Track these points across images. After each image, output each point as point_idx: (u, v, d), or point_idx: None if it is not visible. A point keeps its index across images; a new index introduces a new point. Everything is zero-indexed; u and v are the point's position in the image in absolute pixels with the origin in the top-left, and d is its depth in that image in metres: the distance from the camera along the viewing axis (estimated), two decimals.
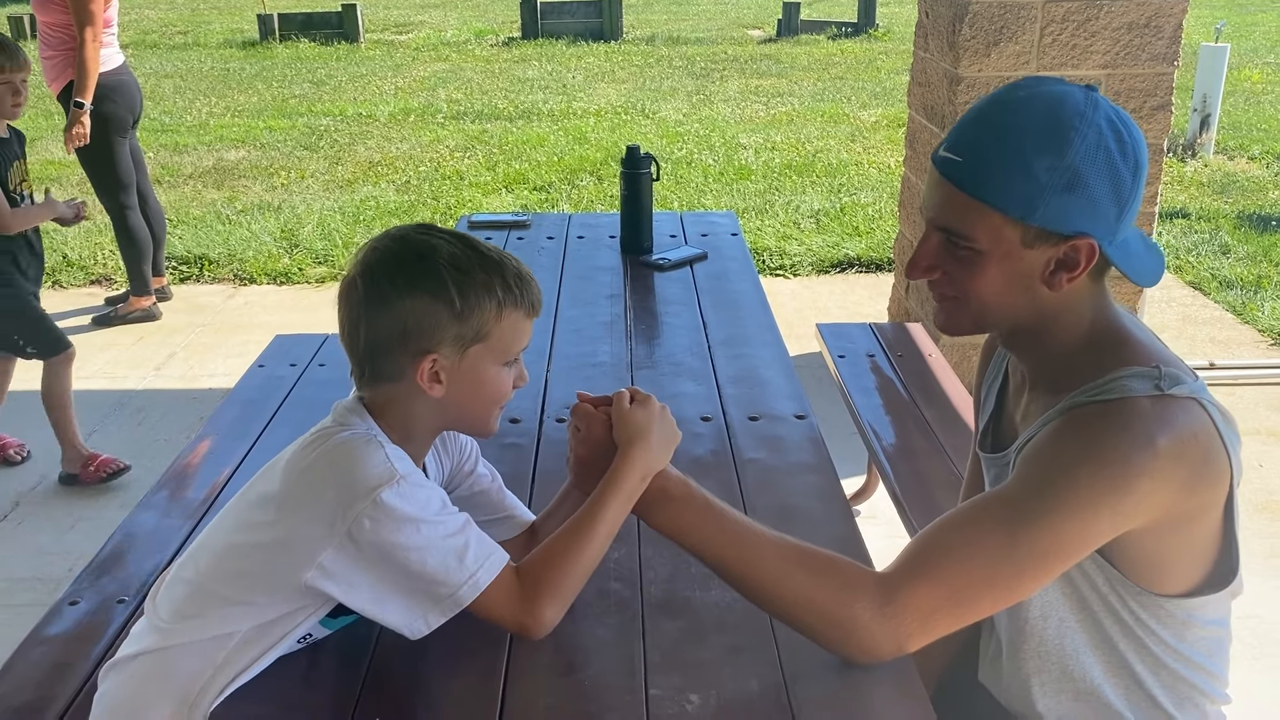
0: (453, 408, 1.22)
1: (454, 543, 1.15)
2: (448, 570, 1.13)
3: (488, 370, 1.21)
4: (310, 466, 1.17)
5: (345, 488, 1.12)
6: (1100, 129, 1.12)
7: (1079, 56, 3.28)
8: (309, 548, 1.13)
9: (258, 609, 1.18)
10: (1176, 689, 1.26)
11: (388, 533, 1.11)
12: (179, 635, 1.20)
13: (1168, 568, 1.19)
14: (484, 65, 11.71)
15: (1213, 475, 1.13)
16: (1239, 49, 10.96)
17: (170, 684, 1.19)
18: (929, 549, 1.15)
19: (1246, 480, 3.26)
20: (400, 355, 1.18)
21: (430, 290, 1.16)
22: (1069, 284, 1.16)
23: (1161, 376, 1.13)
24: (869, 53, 12.25)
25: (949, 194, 1.16)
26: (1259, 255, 5.26)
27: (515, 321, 1.21)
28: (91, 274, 5.19)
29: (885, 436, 2.52)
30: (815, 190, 6.53)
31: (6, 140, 3.18)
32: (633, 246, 2.81)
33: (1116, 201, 1.13)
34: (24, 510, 3.18)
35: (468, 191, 6.51)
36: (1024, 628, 1.29)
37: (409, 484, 1.14)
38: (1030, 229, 1.13)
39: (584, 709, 1.15)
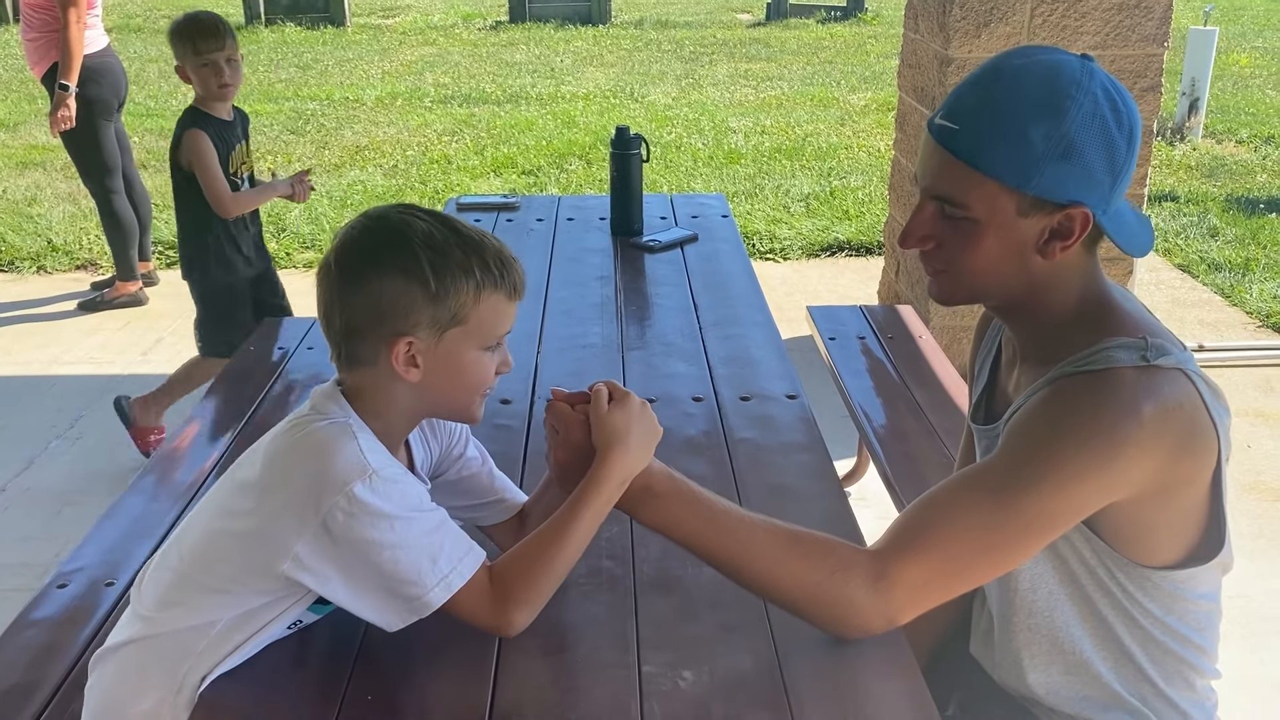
0: (431, 393, 1.18)
1: (427, 542, 1.12)
2: (420, 572, 1.11)
3: (467, 355, 1.17)
4: (284, 455, 1.15)
5: (318, 479, 1.10)
6: (1096, 98, 1.12)
7: (1069, 37, 3.27)
8: (284, 539, 1.11)
9: (238, 597, 1.17)
10: (1165, 663, 1.26)
11: (360, 528, 1.09)
12: (163, 624, 1.19)
13: (1154, 539, 1.19)
14: (471, 49, 11.65)
15: (1198, 446, 1.13)
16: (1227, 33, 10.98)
17: (156, 672, 1.19)
18: (918, 523, 1.15)
19: (1235, 461, 3.27)
20: (375, 338, 1.14)
21: (404, 269, 1.12)
22: (1063, 253, 1.16)
23: (1148, 347, 1.13)
24: (858, 37, 12.22)
25: (944, 161, 1.16)
26: (1247, 238, 5.27)
27: (495, 304, 1.17)
28: (77, 259, 5.15)
29: (876, 418, 2.52)
30: (805, 174, 6.52)
31: (229, 123, 3.14)
32: (623, 228, 2.80)
33: (1111, 170, 1.13)
34: (10, 496, 3.16)
35: (456, 176, 6.48)
36: (1014, 600, 1.30)
37: (381, 479, 1.11)
38: (1026, 198, 1.13)
39: (577, 685, 1.15)
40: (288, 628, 1.24)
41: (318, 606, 1.25)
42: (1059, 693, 1.30)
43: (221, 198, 3.04)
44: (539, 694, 1.14)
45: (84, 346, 4.19)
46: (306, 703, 1.16)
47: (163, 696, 1.17)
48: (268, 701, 1.18)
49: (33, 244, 5.27)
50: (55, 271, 5.05)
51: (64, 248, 5.24)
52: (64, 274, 5.03)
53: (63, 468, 3.31)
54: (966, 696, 1.39)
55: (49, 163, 6.91)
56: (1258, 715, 2.29)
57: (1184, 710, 1.28)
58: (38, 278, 4.99)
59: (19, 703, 1.51)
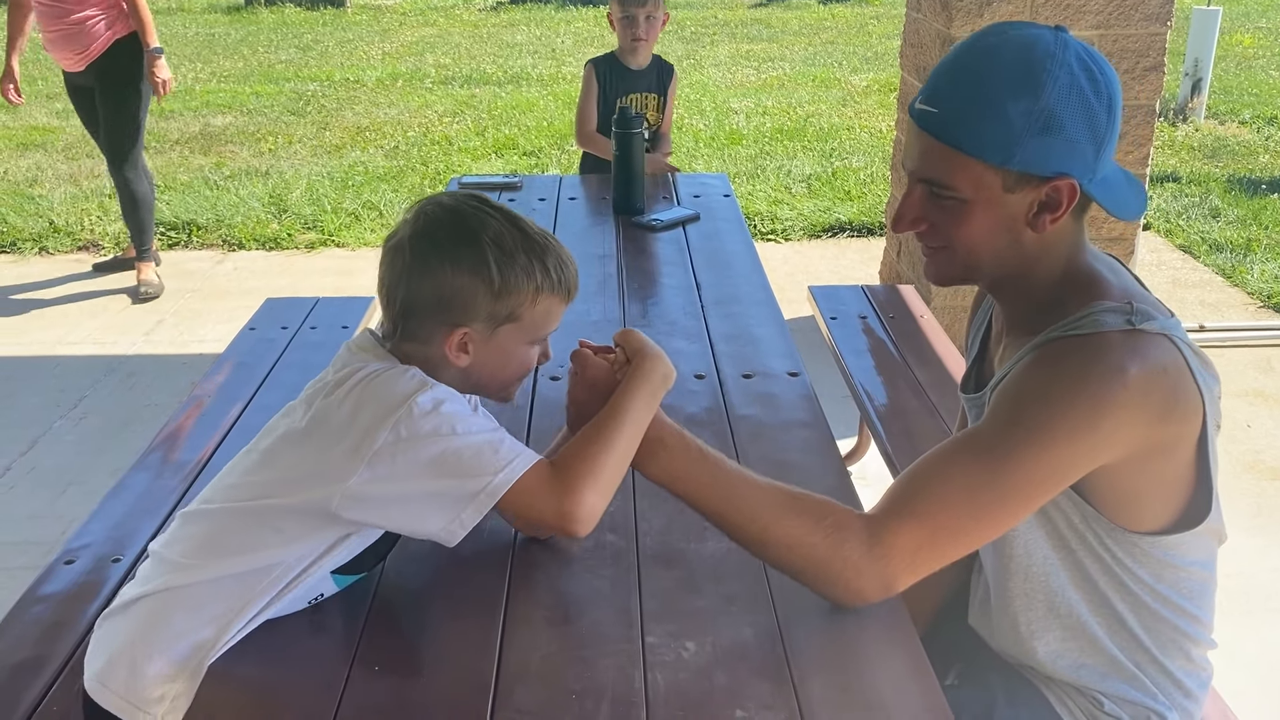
0: (475, 376, 1.24)
1: (487, 436, 1.16)
2: (481, 460, 1.13)
3: (516, 348, 1.23)
4: (345, 401, 1.16)
5: (382, 404, 1.14)
6: (1072, 69, 1.12)
7: (1072, 16, 3.26)
8: (341, 472, 1.13)
9: (284, 544, 1.17)
10: (1159, 630, 1.27)
11: (421, 429, 1.12)
12: (199, 572, 1.19)
13: (1140, 504, 1.21)
14: (472, 30, 11.61)
15: (1184, 409, 1.14)
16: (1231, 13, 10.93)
17: (177, 626, 1.18)
18: (912, 487, 1.17)
19: (1234, 440, 3.29)
20: (434, 323, 1.20)
21: (472, 267, 1.18)
22: (1053, 225, 1.18)
23: (1133, 312, 1.15)
24: (860, 17, 12.17)
25: (928, 145, 1.17)
26: (1249, 219, 5.27)
27: (550, 306, 1.23)
28: (79, 240, 5.15)
29: (877, 397, 2.53)
30: (806, 155, 6.51)
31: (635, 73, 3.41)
32: (625, 207, 2.80)
33: (1093, 140, 1.14)
34: (16, 475, 3.18)
35: (457, 157, 6.47)
36: (1009, 565, 1.31)
37: (441, 387, 1.17)
38: (1010, 174, 1.14)
39: (581, 656, 1.16)
40: (308, 602, 1.25)
41: (340, 577, 1.26)
42: (1057, 659, 1.32)
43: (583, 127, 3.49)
44: (543, 665, 1.15)
45: (87, 327, 4.20)
46: (312, 675, 1.17)
47: (177, 657, 1.16)
48: (275, 673, 1.19)
49: (34, 225, 5.27)
50: (57, 252, 5.05)
51: (65, 229, 5.24)
52: (66, 255, 5.03)
53: (67, 447, 3.32)
54: (966, 666, 1.41)
55: (49, 144, 6.90)
56: (1257, 692, 2.30)
57: (1178, 680, 1.30)
58: (40, 259, 5.00)
59: (27, 678, 1.53)
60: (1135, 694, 1.29)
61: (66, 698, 1.48)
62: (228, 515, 1.22)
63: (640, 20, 3.33)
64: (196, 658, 1.17)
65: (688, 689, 1.11)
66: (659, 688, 1.11)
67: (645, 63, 3.43)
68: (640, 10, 3.33)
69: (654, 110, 3.43)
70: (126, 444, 3.24)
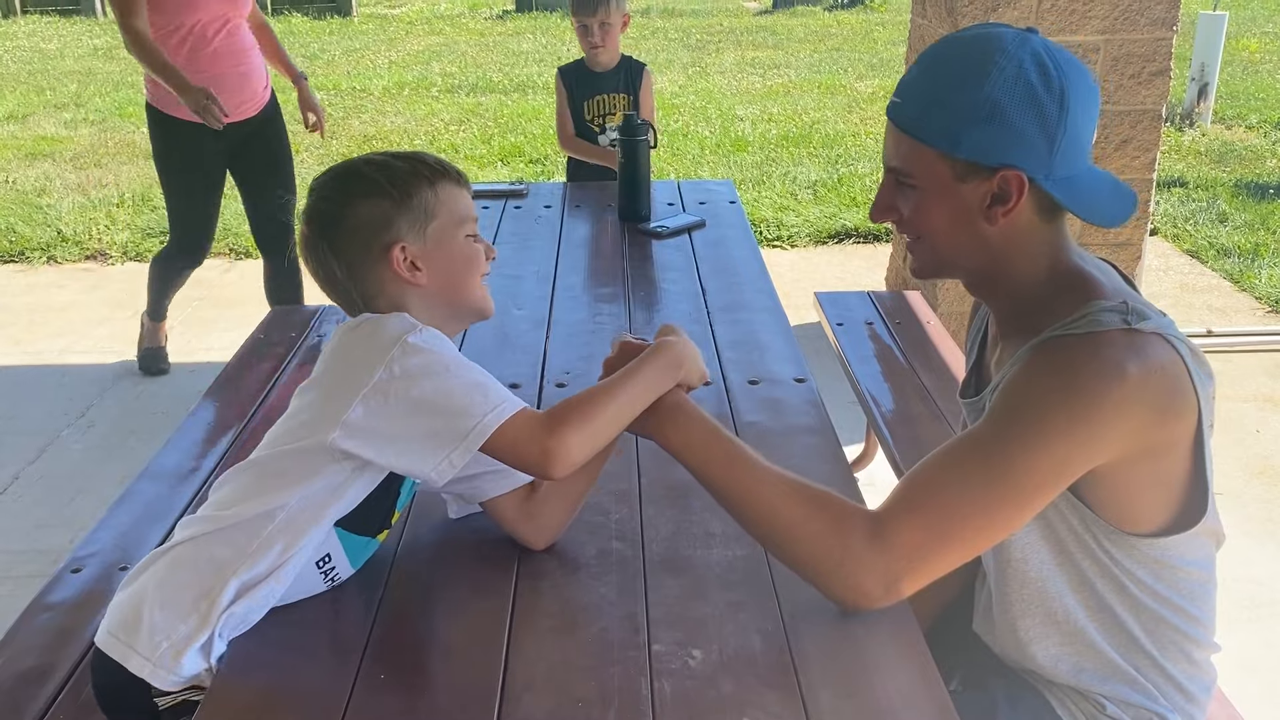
0: (441, 291, 1.28)
1: (477, 379, 1.19)
2: (471, 401, 1.16)
3: (454, 242, 1.28)
4: (342, 343, 1.24)
5: (373, 343, 1.19)
6: (1021, 62, 1.14)
7: (1077, 21, 3.26)
8: (337, 409, 1.17)
9: (286, 486, 1.20)
10: (1159, 632, 1.27)
11: (411, 371, 1.16)
12: (210, 524, 1.23)
13: (1137, 504, 1.20)
14: (478, 38, 11.64)
15: (1180, 408, 1.14)
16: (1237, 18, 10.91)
17: (184, 575, 1.21)
18: (915, 486, 1.17)
19: (1243, 445, 3.27)
20: (373, 261, 1.24)
21: (366, 191, 1.25)
22: (1006, 218, 1.19)
23: (1129, 311, 1.15)
24: (865, 24, 12.18)
25: (892, 135, 1.23)
26: (1256, 223, 5.25)
27: (452, 193, 1.29)
28: (86, 249, 5.17)
29: (884, 403, 2.52)
30: (812, 161, 6.51)
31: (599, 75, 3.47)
32: (631, 214, 2.80)
33: (1044, 133, 1.15)
34: (23, 484, 3.18)
35: (463, 165, 6.47)
36: (1007, 570, 1.31)
37: (432, 331, 1.21)
38: (959, 162, 1.17)
39: (587, 664, 1.16)
40: (320, 570, 1.26)
41: (353, 549, 1.28)
42: (1058, 664, 1.31)
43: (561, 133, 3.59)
44: (550, 673, 1.15)
45: (94, 336, 4.21)
46: (318, 683, 1.16)
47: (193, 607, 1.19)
48: (280, 681, 1.19)
49: (42, 234, 5.29)
50: (65, 262, 5.07)
51: (74, 238, 5.26)
52: (73, 264, 5.05)
53: (75, 455, 3.33)
54: (969, 672, 1.40)
55: (58, 154, 6.93)
56: (1265, 698, 2.29)
57: (1179, 682, 1.29)
58: (48, 268, 5.01)
59: (34, 686, 1.53)
60: (1136, 696, 1.29)
61: (73, 705, 1.48)
62: (243, 471, 1.26)
63: (594, 29, 3.36)
64: (203, 604, 1.19)
65: (695, 697, 1.10)
66: (666, 696, 1.10)
67: (611, 64, 3.46)
68: (592, 19, 3.36)
69: (624, 108, 3.44)
70: (134, 452, 3.24)
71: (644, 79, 3.49)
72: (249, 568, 1.20)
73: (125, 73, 9.80)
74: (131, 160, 6.79)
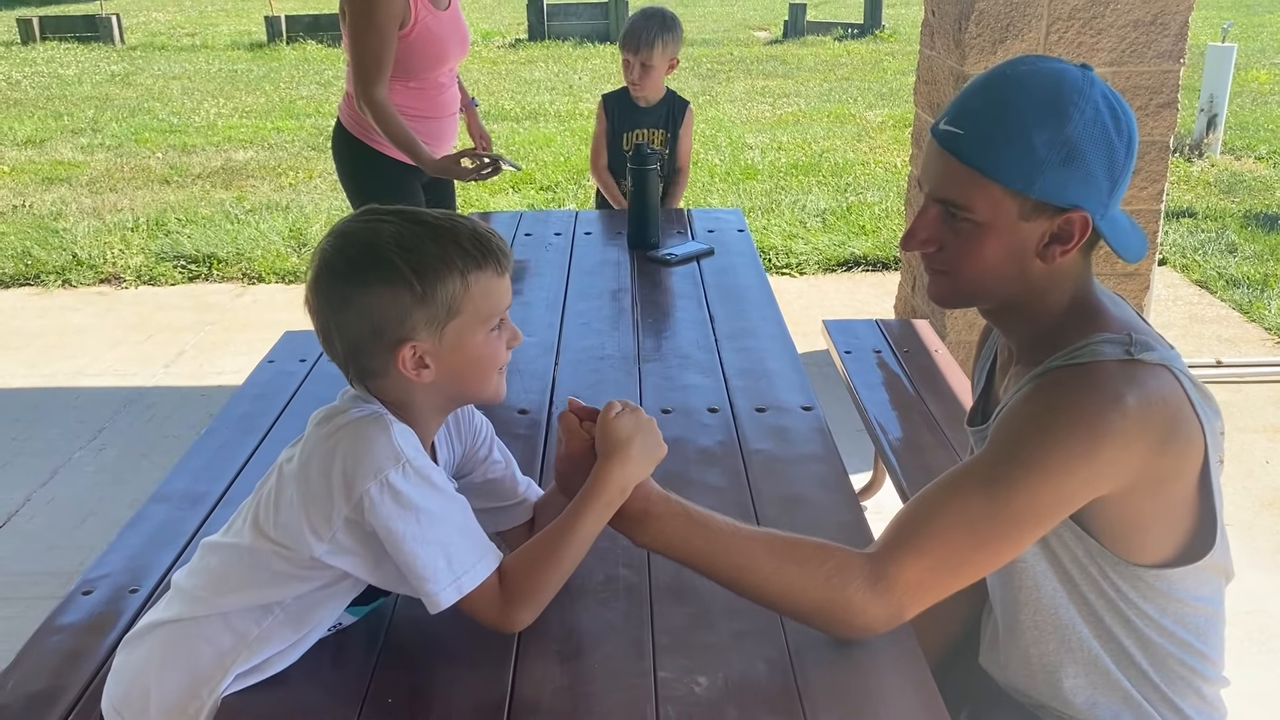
0: (449, 387, 1.19)
1: (446, 541, 1.14)
2: (435, 570, 1.13)
3: (473, 340, 1.16)
4: (321, 446, 1.16)
5: (352, 467, 1.12)
6: (1097, 105, 1.15)
7: (1085, 54, 3.28)
8: (318, 525, 1.15)
9: (279, 584, 1.19)
10: (1167, 666, 1.26)
11: (386, 518, 1.11)
12: (209, 605, 1.20)
13: (1141, 535, 1.20)
14: (490, 66, 11.74)
15: (1183, 440, 1.15)
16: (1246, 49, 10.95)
17: (191, 657, 1.19)
18: (912, 522, 1.17)
19: (1253, 476, 3.26)
20: (378, 351, 1.14)
21: (385, 279, 1.11)
22: (1062, 257, 1.19)
23: (1132, 343, 1.16)
24: (875, 54, 12.25)
25: (949, 165, 1.18)
26: (1266, 254, 5.25)
27: (486, 285, 1.15)
28: (101, 273, 5.22)
29: (892, 432, 2.53)
30: (821, 190, 6.54)
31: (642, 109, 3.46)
32: (640, 242, 2.82)
33: (1110, 175, 1.16)
34: (35, 506, 3.20)
35: (474, 191, 6.53)
36: (1018, 597, 1.31)
37: (414, 468, 1.13)
38: (1029, 201, 1.16)
39: (593, 690, 1.16)
40: (329, 629, 1.26)
41: (355, 608, 1.28)
42: (1074, 695, 1.30)
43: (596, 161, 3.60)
44: (556, 699, 1.15)
45: (107, 359, 4.24)
46: (326, 707, 1.17)
47: (190, 686, 1.18)
48: (288, 708, 1.19)
49: (58, 258, 5.34)
50: (80, 285, 5.12)
51: (88, 261, 5.31)
52: (88, 287, 5.10)
53: (86, 478, 3.35)
54: (977, 707, 1.40)
55: (74, 178, 7.01)
56: None
57: (1189, 717, 1.29)
58: (62, 291, 5.06)
59: (44, 709, 1.53)
60: None
61: None
62: (232, 551, 1.23)
63: (635, 66, 3.35)
64: (206, 689, 1.18)
65: None
66: None
67: (654, 100, 3.46)
68: (634, 57, 3.34)
69: (659, 145, 3.46)
70: (145, 475, 3.26)
71: (685, 118, 3.49)
72: (249, 655, 1.20)
73: (141, 99, 9.92)
74: (146, 185, 6.86)
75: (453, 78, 3.25)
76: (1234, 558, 1.27)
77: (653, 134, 3.47)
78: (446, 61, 3.14)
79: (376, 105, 2.94)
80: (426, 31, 2.99)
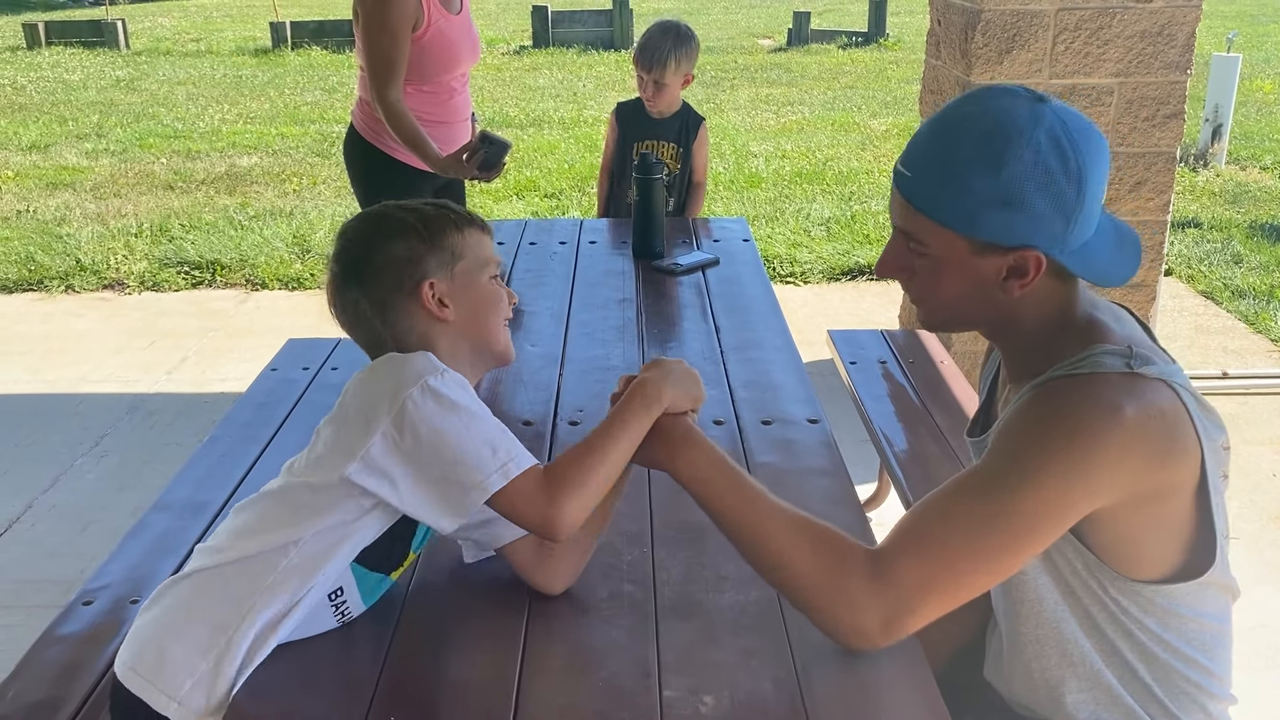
0: (466, 330, 1.31)
1: (488, 434, 1.19)
2: (480, 458, 1.17)
3: (479, 282, 1.32)
4: (359, 380, 1.25)
5: (395, 381, 1.20)
6: (1038, 146, 1.13)
7: (1091, 65, 3.28)
8: (355, 443, 1.18)
9: (302, 520, 1.21)
10: (1171, 682, 1.25)
11: (428, 414, 1.17)
12: (227, 554, 1.23)
13: (1137, 550, 1.20)
14: (495, 73, 11.75)
15: (1180, 453, 1.14)
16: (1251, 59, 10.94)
17: (202, 609, 1.22)
18: (914, 525, 1.17)
19: (1260, 489, 3.25)
20: (404, 298, 1.27)
21: (398, 231, 1.29)
22: (1023, 290, 1.19)
23: (1133, 355, 1.15)
24: (879, 62, 12.25)
25: (902, 204, 1.22)
26: (1272, 265, 5.24)
27: (477, 238, 1.34)
28: (104, 279, 5.22)
29: (897, 443, 2.52)
30: (826, 198, 6.53)
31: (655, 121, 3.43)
32: (645, 251, 2.81)
33: (1061, 214, 1.15)
34: (37, 513, 3.19)
35: (479, 198, 6.53)
36: (1020, 610, 1.30)
37: (453, 376, 1.22)
38: (975, 241, 1.17)
39: (598, 709, 1.15)
40: (331, 601, 1.26)
41: (366, 590, 1.29)
42: (1077, 710, 1.29)
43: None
44: (560, 716, 1.14)
45: (110, 365, 4.24)
46: None
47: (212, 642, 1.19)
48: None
49: (61, 263, 5.34)
50: (83, 291, 5.11)
51: (92, 267, 5.31)
52: (91, 293, 5.09)
53: (88, 485, 3.34)
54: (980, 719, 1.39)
55: (79, 183, 7.01)
56: None
57: None
58: (65, 296, 5.06)
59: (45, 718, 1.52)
60: None
61: None
62: (259, 499, 1.28)
63: (649, 83, 3.33)
64: (222, 640, 1.19)
65: None
66: None
67: (668, 113, 3.44)
68: (647, 74, 3.32)
69: (671, 159, 3.44)
70: (147, 483, 3.25)
71: (699, 133, 3.46)
72: (266, 602, 1.21)
73: (146, 104, 9.93)
74: (150, 191, 6.87)
75: (464, 83, 3.25)
76: (1241, 572, 1.26)
77: (664, 146, 3.46)
78: (459, 65, 3.14)
79: (390, 106, 2.94)
80: (439, 34, 3.00)
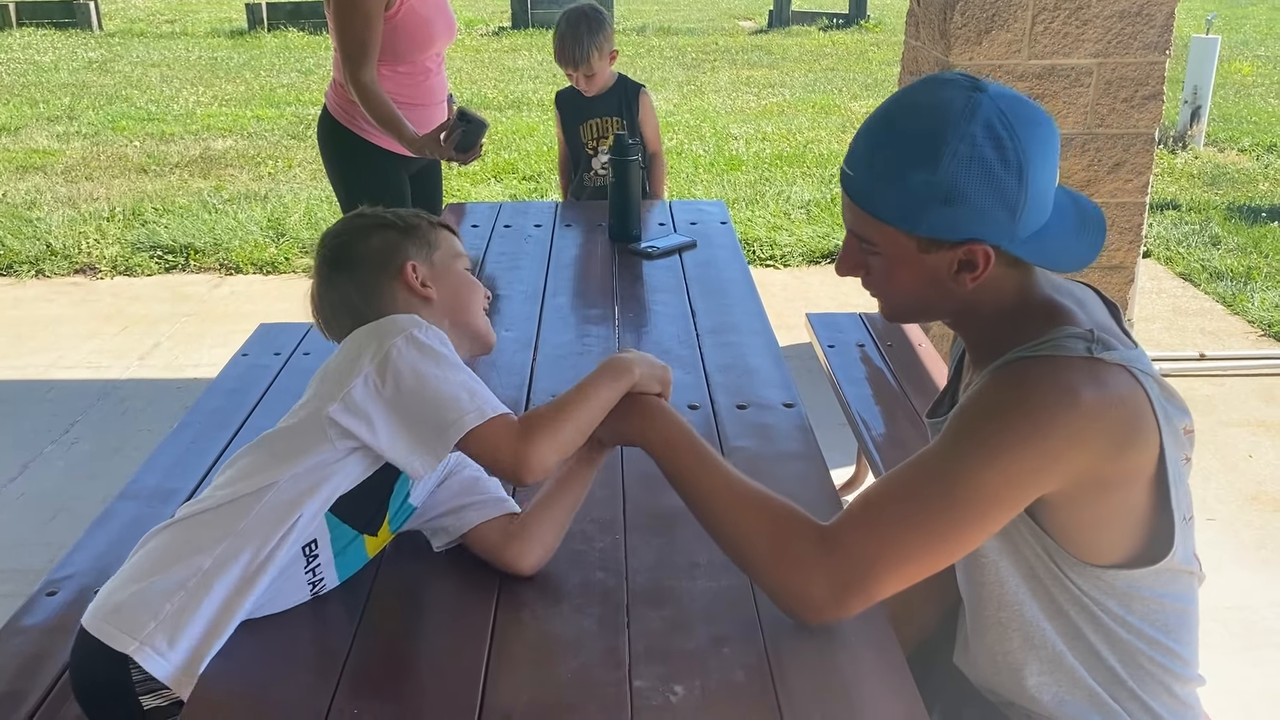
0: (449, 310, 1.39)
1: (466, 381, 1.25)
2: (458, 399, 1.21)
3: (456, 268, 1.44)
4: (357, 334, 1.31)
5: (382, 332, 1.26)
6: (974, 140, 1.10)
7: (1070, 45, 3.26)
8: (338, 385, 1.23)
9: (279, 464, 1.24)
10: (1136, 663, 1.24)
11: (410, 360, 1.22)
12: (203, 504, 1.26)
13: (1093, 536, 1.19)
14: (473, 55, 11.66)
15: (1138, 442, 1.13)
16: (1229, 41, 10.98)
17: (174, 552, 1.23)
18: (867, 501, 1.17)
19: (1236, 471, 3.26)
20: (388, 280, 1.37)
21: (378, 223, 1.42)
22: (976, 282, 1.18)
23: (1094, 340, 1.14)
24: (860, 44, 12.22)
25: (849, 205, 1.21)
26: (1249, 247, 5.26)
27: (448, 235, 1.46)
28: (75, 263, 5.15)
29: (875, 426, 2.50)
30: (806, 181, 6.51)
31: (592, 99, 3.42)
32: (621, 234, 2.79)
33: (1003, 206, 1.12)
34: (4, 501, 3.14)
35: (456, 181, 6.47)
36: (981, 593, 1.29)
37: (435, 333, 1.27)
38: (920, 238, 1.16)
39: (567, 701, 1.13)
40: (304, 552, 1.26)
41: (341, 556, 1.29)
42: (1040, 692, 1.28)
43: None
44: (528, 710, 1.12)
45: (81, 351, 4.18)
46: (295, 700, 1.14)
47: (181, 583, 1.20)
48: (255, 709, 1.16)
49: (31, 248, 5.26)
50: (54, 275, 5.04)
51: (62, 251, 5.23)
52: (62, 278, 5.02)
53: (57, 473, 3.30)
54: (949, 705, 1.39)
55: (49, 166, 6.91)
56: None
57: (1162, 718, 1.26)
58: (36, 281, 4.98)
59: (6, 711, 1.50)
60: None
61: None
62: (246, 452, 1.31)
63: (579, 78, 3.35)
64: (191, 581, 1.20)
65: None
66: None
67: (603, 90, 3.42)
68: (575, 71, 3.32)
69: (617, 131, 3.38)
70: (118, 470, 3.21)
71: (641, 101, 3.44)
72: (239, 546, 1.21)
73: (119, 86, 9.80)
74: (123, 174, 6.78)
75: (440, 63, 3.20)
76: (1219, 553, 1.25)
77: (607, 122, 3.44)
78: (433, 44, 3.09)
79: (363, 87, 2.88)
80: (412, 13, 2.95)
